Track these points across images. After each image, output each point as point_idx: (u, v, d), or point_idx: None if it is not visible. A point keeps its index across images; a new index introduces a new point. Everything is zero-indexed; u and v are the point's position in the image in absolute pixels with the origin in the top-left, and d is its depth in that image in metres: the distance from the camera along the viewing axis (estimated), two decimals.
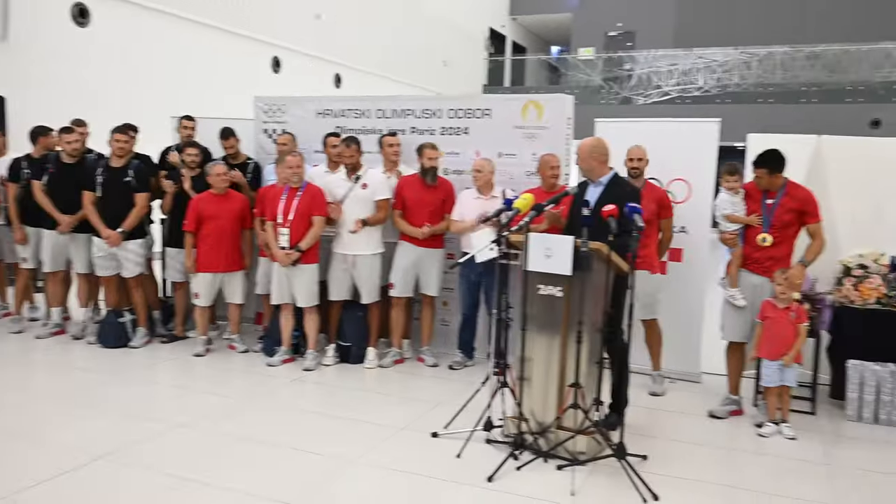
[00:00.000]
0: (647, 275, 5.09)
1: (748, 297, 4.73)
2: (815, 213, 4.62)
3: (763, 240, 4.65)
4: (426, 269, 5.73)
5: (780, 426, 4.49)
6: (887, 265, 4.95)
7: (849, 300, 4.88)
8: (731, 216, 4.75)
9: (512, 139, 5.81)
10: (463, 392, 4.80)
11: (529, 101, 5.81)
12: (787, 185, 4.65)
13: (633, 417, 4.50)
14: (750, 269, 4.74)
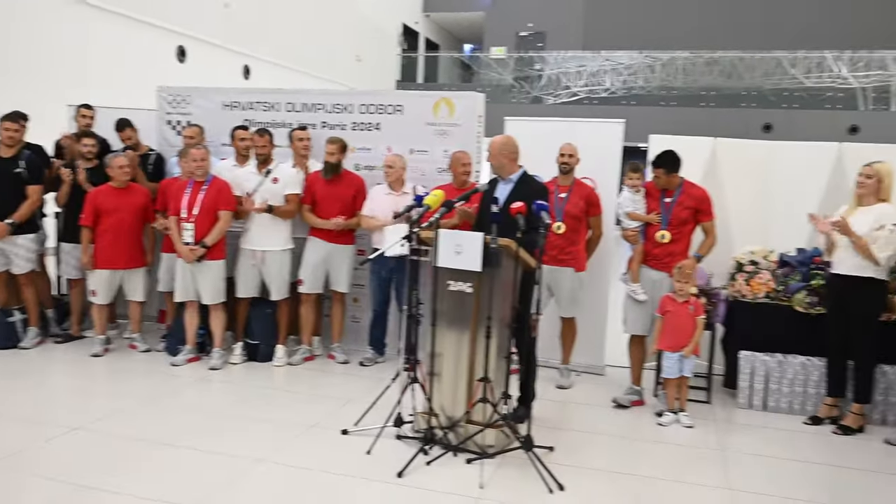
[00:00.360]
0: (571, 272, 5.24)
1: (648, 292, 4.95)
2: (709, 212, 4.88)
3: (662, 237, 4.88)
4: (336, 265, 5.68)
5: (678, 415, 4.70)
6: (776, 262, 5.26)
7: (741, 294, 5.15)
8: (633, 214, 4.96)
9: (424, 136, 5.84)
10: (374, 388, 4.79)
11: (441, 99, 5.85)
12: (683, 185, 4.89)
13: (541, 410, 4.61)
14: (650, 264, 4.96)
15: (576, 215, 5.22)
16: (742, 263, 5.27)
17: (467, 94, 5.89)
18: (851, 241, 4.48)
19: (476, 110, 5.79)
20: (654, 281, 4.93)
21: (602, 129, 5.70)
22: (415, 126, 5.86)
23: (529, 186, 4.29)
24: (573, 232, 5.24)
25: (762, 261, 5.23)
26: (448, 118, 5.81)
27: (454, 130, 5.79)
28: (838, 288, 4.61)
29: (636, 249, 4.98)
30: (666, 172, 4.84)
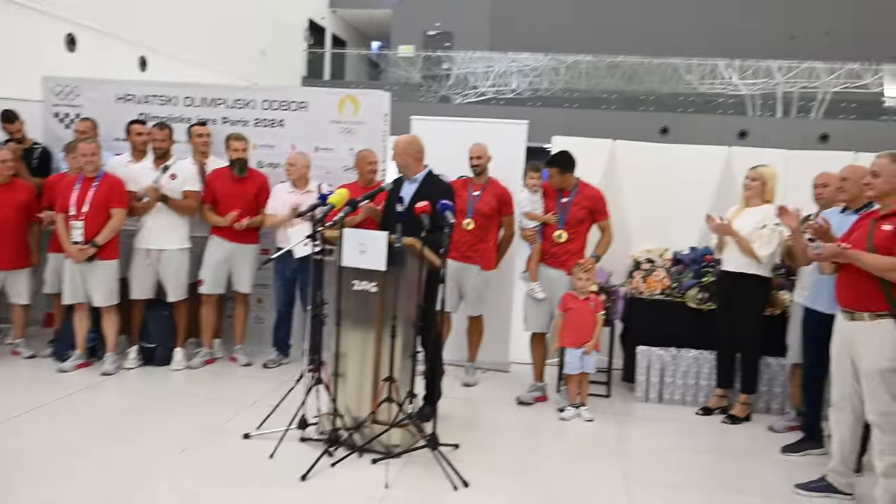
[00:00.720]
0: (477, 270, 5.32)
1: (547, 290, 5.08)
2: (605, 211, 5.07)
3: (559, 236, 5.02)
4: (239, 264, 5.56)
5: (579, 409, 4.84)
6: (670, 260, 5.51)
7: (638, 291, 5.37)
8: (531, 214, 5.09)
9: (329, 133, 5.81)
10: (278, 391, 4.72)
11: (347, 96, 5.84)
12: (579, 185, 5.06)
13: (447, 408, 4.65)
14: (548, 263, 5.09)
15: (487, 213, 5.30)
16: (639, 262, 5.49)
17: (373, 93, 5.89)
18: (736, 240, 4.75)
19: (382, 108, 5.80)
20: (553, 279, 5.06)
21: (506, 130, 5.81)
22: (320, 123, 5.81)
23: (434, 186, 4.32)
24: (483, 230, 5.32)
25: (658, 259, 5.47)
26: (353, 116, 5.79)
27: (359, 128, 5.78)
28: (726, 284, 4.86)
29: (534, 248, 5.11)
30: (560, 172, 4.99)
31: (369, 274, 3.92)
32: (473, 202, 5.30)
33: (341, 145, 5.80)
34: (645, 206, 5.91)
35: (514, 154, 5.72)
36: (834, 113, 18.32)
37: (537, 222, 5.08)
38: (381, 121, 5.80)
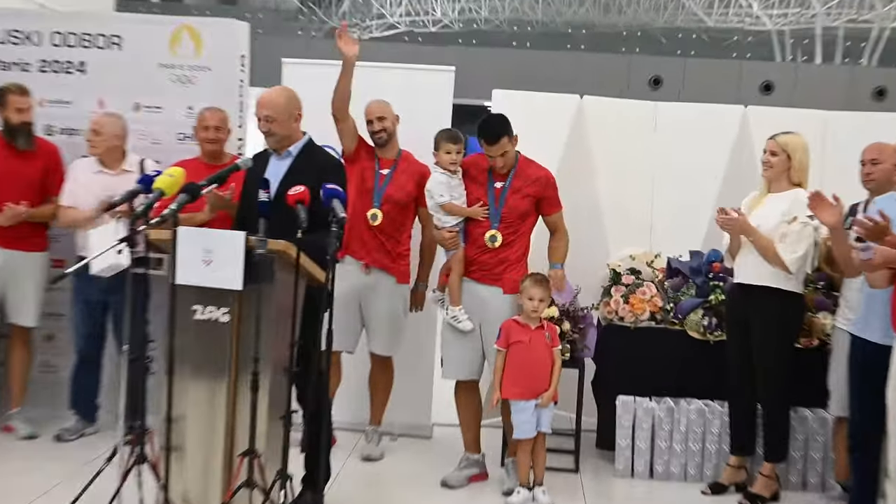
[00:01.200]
0: (391, 285, 5.40)
1: (476, 316, 5.10)
2: (556, 200, 5.17)
3: (492, 239, 5.04)
4: (18, 283, 5.46)
5: (534, 491, 4.91)
6: (663, 270, 5.66)
7: (617, 316, 5.49)
8: (449, 206, 5.09)
9: (156, 84, 5.83)
10: (79, 475, 4.61)
11: (183, 27, 5.87)
12: (518, 164, 5.11)
13: (340, 495, 4.65)
14: (475, 277, 5.12)
15: (401, 201, 5.36)
16: (619, 273, 5.62)
17: (223, 23, 5.95)
18: (751, 241, 4.88)
19: (237, 47, 5.84)
20: (484, 300, 5.09)
21: (424, 81, 5.90)
22: (141, 69, 5.82)
23: (316, 163, 4.34)
24: (396, 225, 5.38)
25: (645, 269, 5.61)
26: (193, 58, 5.84)
27: (203, 77, 5.82)
28: (742, 304, 5.01)
29: (454, 257, 5.12)
30: (489, 143, 5.01)
31: (219, 296, 3.89)
32: (381, 185, 5.35)
33: (175, 102, 5.84)
34: (626, 193, 6.06)
35: (435, 115, 5.78)
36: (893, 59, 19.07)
37: (458, 218, 5.13)
38: (237, 65, 5.83)
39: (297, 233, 3.83)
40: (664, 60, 19.06)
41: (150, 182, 4.10)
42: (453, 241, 5.12)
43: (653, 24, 20.06)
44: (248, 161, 4.39)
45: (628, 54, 19.49)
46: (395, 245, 5.41)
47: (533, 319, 4.94)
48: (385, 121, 5.39)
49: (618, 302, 5.50)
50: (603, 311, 5.57)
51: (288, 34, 19.73)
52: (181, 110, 5.82)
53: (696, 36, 20.07)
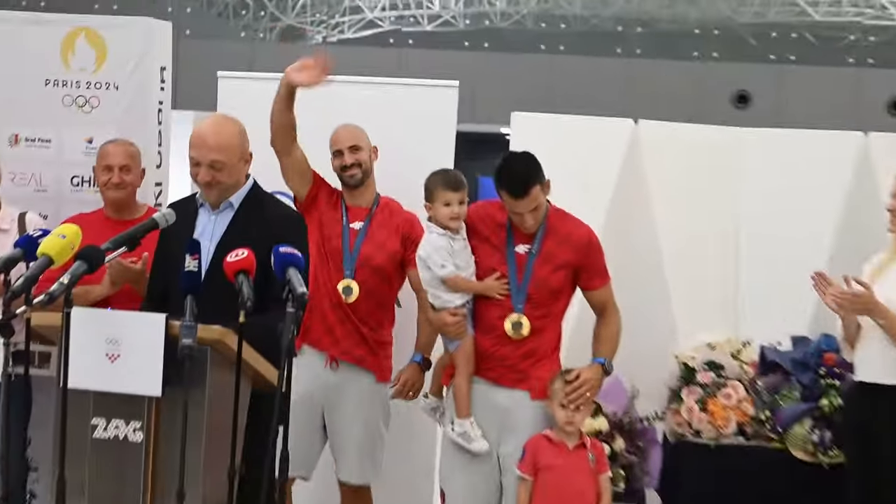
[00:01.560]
0: (368, 384, 5.39)
1: (491, 433, 5.05)
2: (603, 268, 5.11)
3: (516, 326, 4.99)
4: None
5: None
6: (754, 364, 5.63)
7: (692, 430, 5.46)
8: (455, 280, 5.03)
9: (42, 108, 5.88)
10: None
11: (79, 29, 5.90)
12: (549, 216, 5.08)
13: None
14: (490, 377, 5.05)
15: (382, 268, 5.37)
16: (692, 368, 5.59)
17: (135, 22, 5.97)
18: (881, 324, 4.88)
19: (155, 56, 5.89)
20: (503, 409, 5.02)
21: (417, 100, 5.95)
22: (21, 87, 5.88)
23: (266, 216, 4.39)
24: (376, 301, 5.38)
25: (729, 362, 5.58)
26: (94, 72, 5.87)
27: (107, 97, 5.87)
28: (866, 410, 5.00)
29: (460, 350, 5.04)
30: (515, 197, 4.95)
31: (128, 405, 3.89)
32: (353, 245, 5.37)
33: (69, 133, 5.87)
34: (701, 253, 6.07)
35: (432, 148, 5.84)
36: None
37: (466, 296, 5.13)
38: (155, 81, 5.89)
39: (238, 315, 3.82)
40: (753, 69, 19.07)
41: (32, 245, 4.04)
42: (459, 328, 5.02)
43: (737, 20, 20.17)
44: (168, 215, 4.32)
45: (703, 61, 19.57)
46: (373, 329, 5.39)
47: (570, 435, 4.89)
48: (359, 152, 5.39)
49: (692, 409, 5.48)
50: (671, 423, 5.54)
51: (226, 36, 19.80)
52: (77, 144, 5.82)
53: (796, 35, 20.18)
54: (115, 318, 3.94)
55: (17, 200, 5.54)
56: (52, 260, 3.92)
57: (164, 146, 5.88)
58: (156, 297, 4.49)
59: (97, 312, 4.04)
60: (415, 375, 5.52)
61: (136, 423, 3.92)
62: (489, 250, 5.03)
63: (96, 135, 5.71)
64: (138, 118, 5.81)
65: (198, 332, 3.75)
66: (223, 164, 4.31)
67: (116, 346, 3.85)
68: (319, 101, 5.27)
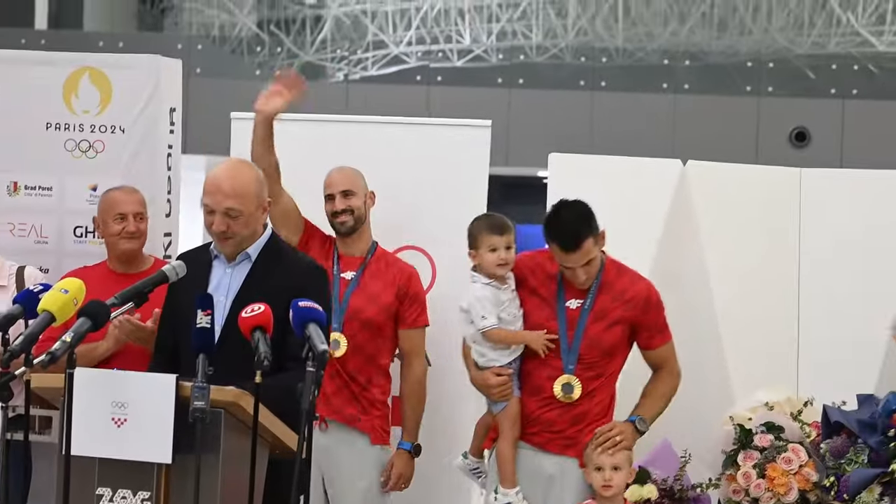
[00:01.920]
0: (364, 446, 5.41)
1: (538, 502, 5.06)
2: (664, 325, 5.14)
3: (567, 389, 4.99)
4: None
5: None
6: (816, 425, 5.60)
7: (749, 499, 5.42)
8: (498, 332, 5.03)
9: (42, 153, 5.91)
10: None
11: (83, 69, 5.93)
12: (605, 269, 5.10)
13: None
14: (536, 442, 5.08)
15: (373, 321, 5.39)
16: (749, 431, 5.55)
17: (142, 60, 6.01)
18: None
19: (162, 95, 5.91)
20: (549, 478, 5.06)
21: (446, 141, 6.00)
22: (21, 132, 5.90)
23: (286, 269, 4.39)
24: (367, 357, 5.40)
25: (790, 424, 5.55)
26: (99, 114, 5.89)
27: (113, 142, 5.89)
28: None
29: (505, 413, 5.06)
30: (566, 251, 4.98)
31: (137, 474, 3.90)
32: (343, 297, 5.41)
33: (72, 180, 5.89)
34: (757, 305, 6.06)
35: (461, 192, 5.90)
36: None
37: (513, 353, 5.09)
38: (164, 124, 5.91)
39: (253, 376, 3.82)
40: (812, 104, 19.04)
41: (33, 301, 4.05)
42: (504, 390, 5.03)
43: (794, 51, 20.12)
44: (178, 268, 4.35)
45: (756, 96, 19.55)
46: (364, 387, 5.40)
47: (611, 502, 4.90)
48: (352, 198, 5.42)
49: (749, 476, 5.44)
50: (726, 491, 5.50)
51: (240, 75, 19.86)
52: (80, 192, 5.84)
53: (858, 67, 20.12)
54: (122, 380, 3.93)
55: (16, 252, 5.60)
56: (54, 317, 3.93)
57: (173, 193, 5.88)
58: (165, 355, 4.48)
59: (102, 373, 4.04)
60: (406, 467, 5.53)
61: (144, 492, 3.91)
62: (538, 303, 5.06)
63: (101, 181, 5.73)
64: (146, 163, 5.82)
65: (211, 393, 3.74)
66: (240, 212, 4.29)
67: (123, 410, 3.85)
68: (341, 143, 5.31)
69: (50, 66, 5.98)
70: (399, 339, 5.53)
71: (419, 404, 5.59)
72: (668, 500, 5.25)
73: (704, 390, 5.64)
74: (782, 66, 20.22)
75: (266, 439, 3.99)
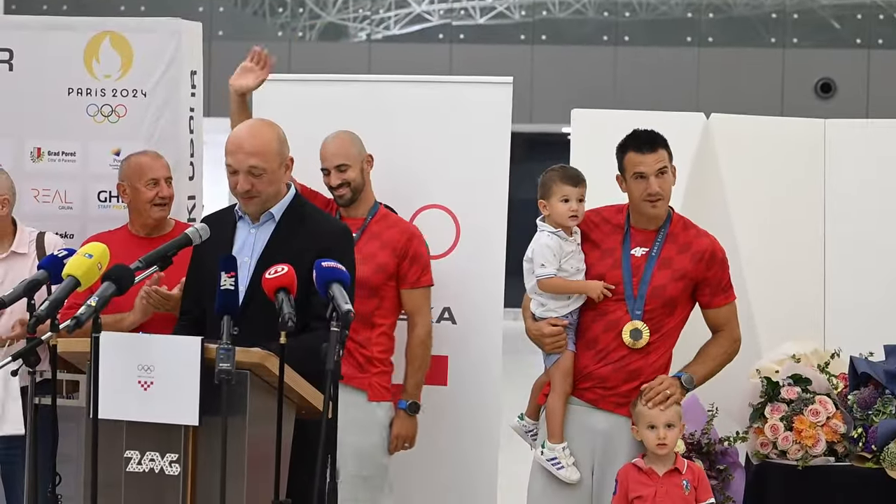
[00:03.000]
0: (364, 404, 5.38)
1: (586, 459, 5.03)
2: (728, 283, 5.10)
3: (636, 334, 4.95)
4: None
5: None
6: (845, 377, 5.58)
7: (777, 451, 5.42)
8: (554, 282, 5.02)
9: (65, 118, 5.91)
10: None
11: (104, 33, 5.92)
12: (671, 222, 5.08)
13: None
14: (589, 398, 5.03)
15: (369, 281, 5.36)
16: (776, 383, 5.54)
17: (163, 24, 6.00)
18: None
19: (184, 58, 5.91)
20: (601, 434, 5.02)
21: (468, 98, 5.97)
22: (42, 97, 5.90)
23: (310, 228, 4.39)
24: (363, 316, 5.32)
25: (817, 376, 5.53)
26: (120, 78, 5.88)
27: (135, 105, 5.87)
28: None
29: (558, 366, 5.00)
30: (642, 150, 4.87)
31: (164, 436, 3.90)
32: None
33: (94, 145, 5.89)
34: (783, 257, 6.07)
35: (483, 150, 5.89)
36: None
37: (571, 304, 5.01)
38: (185, 87, 5.91)
39: (278, 336, 3.82)
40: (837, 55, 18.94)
41: (57, 266, 4.07)
42: (557, 342, 4.97)
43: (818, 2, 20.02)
44: (202, 230, 4.33)
45: (780, 47, 19.45)
46: (362, 345, 5.38)
47: (662, 460, 4.86)
48: (348, 171, 5.40)
49: (776, 428, 5.42)
50: (754, 444, 5.49)
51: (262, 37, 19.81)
52: (104, 157, 5.83)
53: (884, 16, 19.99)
54: (148, 343, 3.93)
55: (40, 218, 5.62)
56: (79, 281, 3.93)
57: (196, 156, 5.89)
58: (189, 318, 4.50)
59: (128, 337, 4.05)
60: (406, 426, 5.55)
61: (172, 454, 3.92)
62: (600, 255, 5.02)
63: (124, 146, 5.73)
64: (168, 127, 5.81)
65: (236, 355, 3.74)
66: (263, 170, 4.29)
67: (149, 373, 3.85)
68: (364, 103, 5.29)
69: (70, 31, 5.97)
70: (402, 300, 5.53)
71: (422, 364, 5.59)
72: (695, 454, 5.24)
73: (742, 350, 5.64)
74: (807, 17, 20.13)
75: (292, 400, 3.99)
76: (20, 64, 5.92)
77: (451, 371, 5.86)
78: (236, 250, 4.33)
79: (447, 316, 5.90)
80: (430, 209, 5.85)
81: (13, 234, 5.48)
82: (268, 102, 5.70)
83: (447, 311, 5.89)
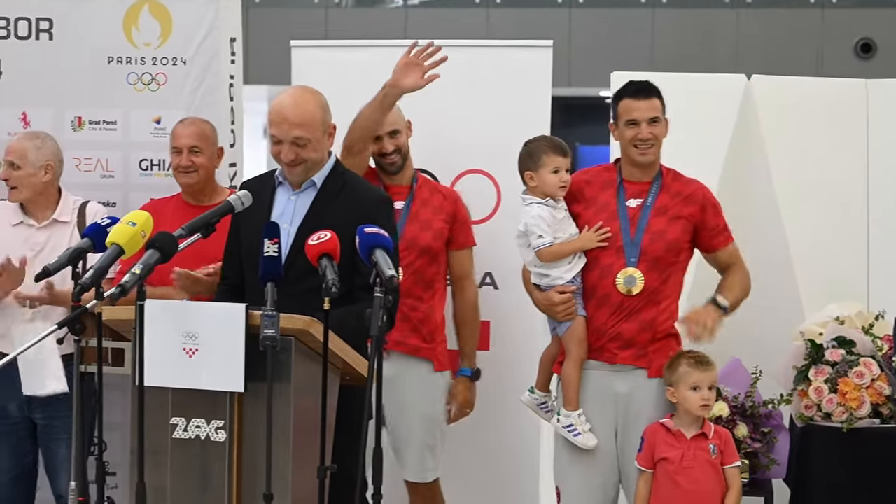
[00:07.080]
0: (426, 372, 5.41)
1: (607, 423, 5.05)
2: (725, 225, 5.10)
3: (629, 281, 4.95)
4: None
5: None
6: (889, 339, 5.56)
7: (821, 413, 5.41)
8: (549, 249, 4.96)
9: (105, 87, 5.94)
10: None
11: (142, 1, 5.92)
12: (662, 175, 5.08)
13: None
14: (603, 357, 5.00)
15: (430, 248, 5.39)
16: (819, 346, 5.52)
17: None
18: None
19: (222, 25, 5.91)
20: (622, 396, 5.02)
21: (506, 63, 5.97)
22: (83, 66, 5.92)
23: (351, 196, 4.40)
24: (425, 284, 5.40)
25: (861, 338, 5.51)
26: (160, 46, 5.90)
27: (175, 73, 5.90)
28: None
29: (570, 333, 4.99)
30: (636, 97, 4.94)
31: (209, 403, 3.93)
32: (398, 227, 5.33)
33: (136, 114, 5.92)
34: (825, 219, 6.04)
35: (524, 114, 5.87)
36: None
37: (575, 269, 4.98)
38: (225, 54, 5.92)
39: (322, 303, 3.85)
40: (878, 14, 18.79)
41: (101, 234, 4.08)
42: (569, 308, 4.95)
43: None
44: (244, 197, 4.34)
45: (820, 7, 19.32)
46: (425, 315, 5.41)
47: (694, 422, 4.87)
48: (399, 136, 5.41)
49: (820, 391, 5.41)
50: (798, 406, 5.48)
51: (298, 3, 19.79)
52: (145, 125, 5.87)
53: None
54: (192, 310, 3.97)
55: (82, 187, 5.64)
56: (123, 249, 3.96)
57: (237, 124, 5.91)
58: (230, 284, 4.54)
59: (172, 304, 4.06)
60: (467, 392, 5.58)
61: (217, 421, 3.95)
62: (595, 211, 5.01)
63: (164, 114, 5.77)
64: (209, 94, 5.84)
65: (280, 321, 3.76)
66: (307, 139, 4.31)
67: (194, 340, 3.88)
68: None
69: (108, 3, 5.96)
70: (450, 263, 5.54)
71: (475, 329, 5.65)
72: (739, 418, 5.23)
73: (774, 306, 5.62)
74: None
75: (336, 366, 4.01)
76: (60, 33, 5.94)
77: (492, 336, 5.88)
78: (276, 216, 4.36)
79: (489, 281, 5.93)
80: (470, 174, 5.87)
81: (57, 202, 5.50)
82: (306, 68, 5.71)
83: (489, 276, 5.92)
